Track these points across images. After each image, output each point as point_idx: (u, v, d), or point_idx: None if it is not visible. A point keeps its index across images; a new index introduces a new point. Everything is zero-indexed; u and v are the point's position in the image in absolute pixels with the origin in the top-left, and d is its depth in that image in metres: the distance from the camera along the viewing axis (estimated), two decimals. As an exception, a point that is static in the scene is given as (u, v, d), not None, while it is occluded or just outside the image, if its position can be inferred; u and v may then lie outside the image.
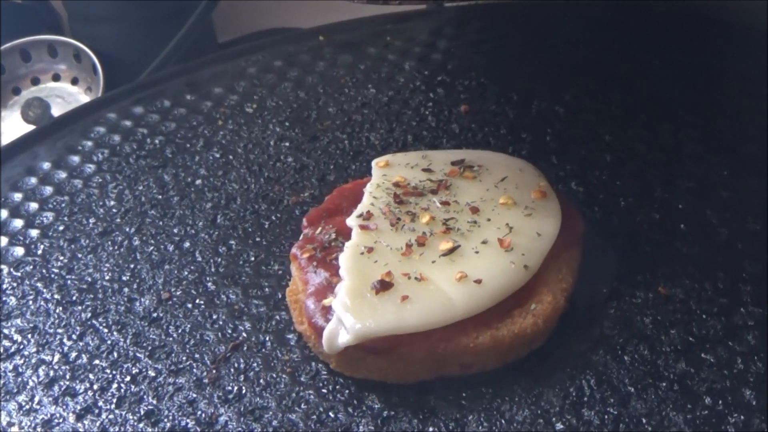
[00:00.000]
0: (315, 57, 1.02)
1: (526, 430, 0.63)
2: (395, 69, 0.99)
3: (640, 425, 0.62)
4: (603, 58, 0.93)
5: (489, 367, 0.67)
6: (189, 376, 0.70)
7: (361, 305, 0.66)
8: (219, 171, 0.89)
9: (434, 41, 1.02)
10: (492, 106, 0.91)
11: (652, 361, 0.66)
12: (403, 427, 0.64)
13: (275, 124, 0.94)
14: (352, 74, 0.99)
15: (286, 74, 1.00)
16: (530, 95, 0.92)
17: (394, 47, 1.02)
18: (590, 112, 0.89)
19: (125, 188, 0.89)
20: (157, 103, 0.99)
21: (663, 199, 0.78)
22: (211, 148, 0.92)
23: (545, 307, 0.67)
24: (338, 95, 0.96)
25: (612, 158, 0.83)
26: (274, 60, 1.03)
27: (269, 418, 0.66)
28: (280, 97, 0.97)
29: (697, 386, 0.64)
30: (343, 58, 1.01)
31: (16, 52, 1.37)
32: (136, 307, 0.76)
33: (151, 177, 0.90)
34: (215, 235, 0.82)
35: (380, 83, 0.97)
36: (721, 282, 0.71)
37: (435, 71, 0.97)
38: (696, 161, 0.81)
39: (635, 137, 0.85)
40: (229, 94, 0.99)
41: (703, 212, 0.76)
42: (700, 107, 0.85)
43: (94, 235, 0.84)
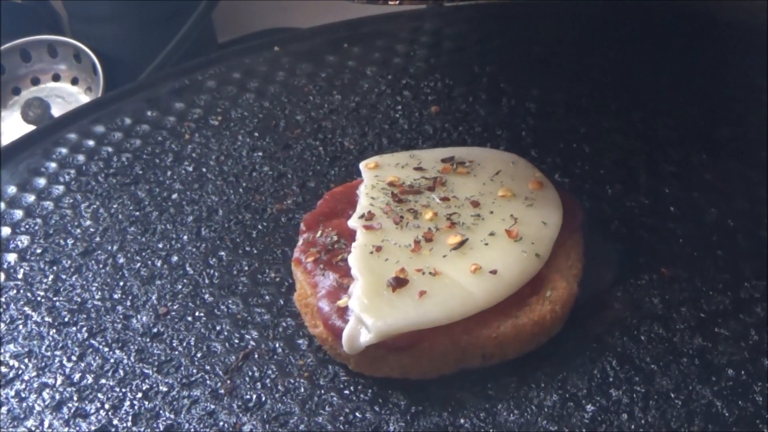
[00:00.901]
0: (273, 67, 1.02)
1: (558, 414, 0.63)
2: (357, 75, 0.99)
3: (670, 400, 0.63)
4: (580, 53, 0.95)
5: (510, 357, 0.67)
6: (203, 388, 0.69)
7: (379, 303, 0.65)
8: (194, 184, 0.88)
9: (392, 45, 1.03)
10: (462, 106, 0.92)
11: (668, 338, 0.67)
12: (434, 421, 0.64)
13: (244, 135, 0.93)
14: (315, 82, 0.99)
15: (246, 85, 1.00)
16: (499, 93, 0.93)
17: (353, 54, 1.02)
18: (560, 106, 0.90)
19: (99, 207, 0.87)
20: (117, 121, 0.98)
21: (649, 184, 0.80)
22: (182, 162, 0.90)
23: (561, 293, 0.68)
24: (303, 103, 0.96)
25: (591, 149, 0.85)
26: (232, 72, 1.02)
27: (295, 422, 0.65)
28: (244, 109, 0.96)
29: (717, 359, 0.65)
30: (303, 66, 1.01)
31: (16, 52, 1.37)
32: (133, 323, 0.75)
33: (124, 194, 0.88)
34: (203, 247, 0.81)
35: (344, 89, 0.97)
36: (721, 259, 0.72)
37: (398, 75, 0.98)
38: (674, 147, 0.83)
39: (610, 128, 0.86)
40: (191, 108, 0.98)
41: (690, 194, 0.78)
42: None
43: (75, 255, 0.82)
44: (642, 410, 0.63)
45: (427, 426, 0.64)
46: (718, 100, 0.85)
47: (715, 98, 0.85)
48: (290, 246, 0.79)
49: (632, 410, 0.63)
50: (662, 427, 0.61)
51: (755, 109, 0.80)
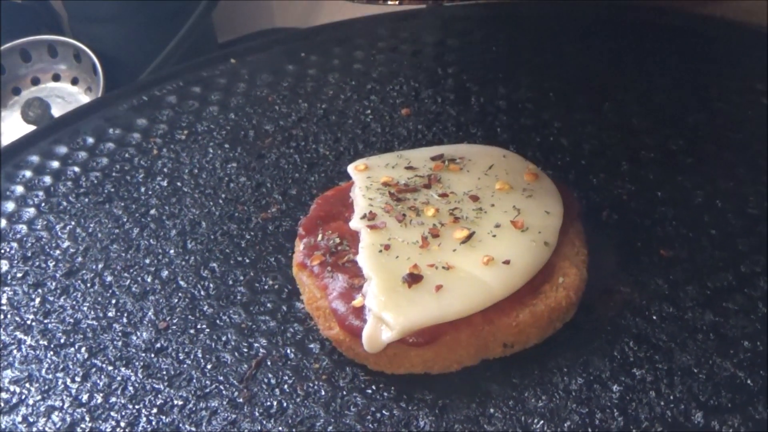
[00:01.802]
0: (232, 79, 1.01)
1: (586, 397, 0.64)
2: (320, 82, 0.99)
3: (693, 375, 0.65)
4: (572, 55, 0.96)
5: (529, 344, 0.68)
6: (220, 398, 0.68)
7: (397, 300, 0.66)
8: (171, 198, 0.87)
9: (350, 52, 1.03)
10: (432, 107, 0.93)
11: (679, 316, 0.69)
12: (463, 413, 0.65)
13: (214, 147, 0.92)
14: (277, 91, 0.98)
15: (208, 99, 0.99)
16: (466, 92, 0.94)
17: (311, 62, 1.02)
18: (529, 102, 0.92)
19: (75, 227, 0.85)
20: (79, 141, 0.96)
21: (631, 171, 0.82)
22: (154, 178, 0.89)
23: (572, 279, 0.69)
24: (270, 113, 0.96)
25: (568, 142, 0.86)
26: (190, 87, 1.01)
27: (322, 425, 0.65)
28: (209, 122, 0.96)
29: (731, 333, 0.67)
30: (263, 77, 1.01)
31: (16, 52, 1.36)
32: (134, 340, 0.73)
33: (99, 213, 0.87)
34: (192, 260, 0.80)
35: (310, 97, 0.97)
36: (716, 238, 0.75)
37: (361, 80, 0.98)
38: (650, 135, 0.86)
39: (584, 120, 0.88)
40: (154, 124, 0.96)
41: (674, 179, 0.80)
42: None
43: (59, 276, 0.81)
44: (668, 386, 0.64)
45: (457, 418, 0.64)
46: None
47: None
48: (282, 253, 0.79)
49: (659, 387, 0.64)
50: (691, 401, 0.63)
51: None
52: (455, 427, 0.64)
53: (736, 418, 0.61)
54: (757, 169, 0.79)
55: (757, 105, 0.85)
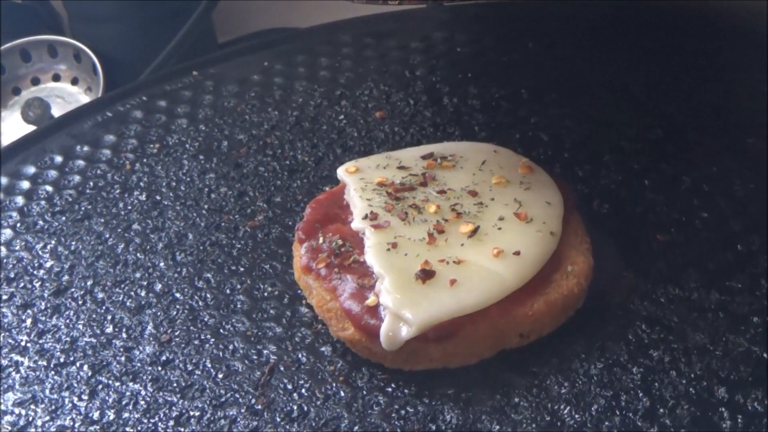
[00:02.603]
0: (197, 92, 1.00)
1: (608, 380, 0.65)
2: (287, 91, 0.99)
3: (709, 353, 0.66)
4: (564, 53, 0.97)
5: (545, 333, 0.68)
6: (237, 406, 0.67)
7: (413, 296, 0.66)
8: (152, 212, 0.86)
9: (314, 60, 1.03)
10: (406, 109, 0.94)
11: (686, 297, 0.70)
12: (488, 404, 0.65)
13: (189, 159, 0.91)
14: (245, 101, 0.98)
15: (174, 111, 0.98)
16: (437, 93, 0.95)
17: (276, 71, 1.02)
18: (503, 99, 0.93)
19: (56, 245, 0.83)
20: (47, 160, 0.94)
21: (615, 162, 0.83)
22: (131, 192, 0.88)
23: (581, 266, 0.70)
24: (241, 123, 0.95)
25: (548, 136, 0.88)
26: (155, 101, 1.00)
27: (347, 426, 0.65)
28: (179, 134, 0.95)
29: (739, 309, 0.69)
30: (228, 88, 1.00)
31: (16, 52, 1.36)
32: (137, 354, 0.72)
33: (79, 230, 0.85)
34: (184, 272, 0.79)
35: (279, 106, 0.96)
36: (708, 220, 0.76)
37: (330, 86, 0.98)
38: (628, 126, 0.87)
39: (560, 115, 0.89)
40: (123, 139, 0.95)
41: (659, 166, 0.82)
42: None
43: (48, 296, 0.79)
44: (687, 365, 0.65)
45: (483, 410, 0.64)
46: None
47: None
48: (276, 260, 0.78)
49: (678, 366, 0.65)
50: (712, 377, 0.64)
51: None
52: (482, 418, 0.64)
53: (759, 391, 0.62)
54: (739, 153, 0.81)
55: (732, 92, 0.87)
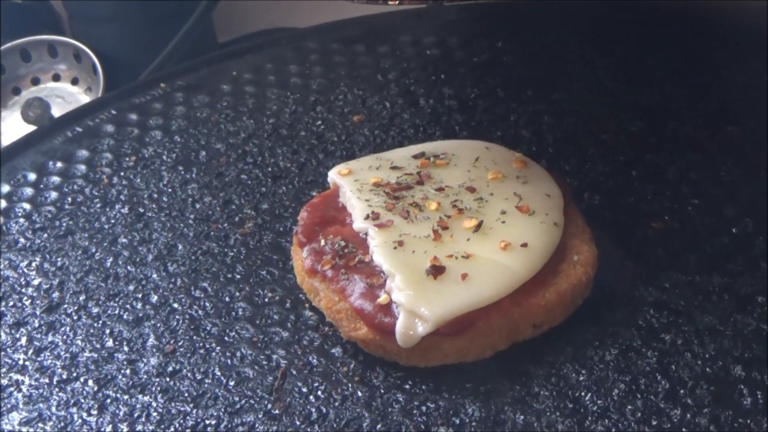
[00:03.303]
0: (168, 103, 0.99)
1: (625, 365, 0.66)
2: (260, 99, 0.98)
3: (720, 333, 0.68)
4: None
5: (556, 323, 0.69)
6: (254, 412, 0.67)
7: (427, 293, 0.66)
8: (137, 224, 0.84)
9: (283, 67, 1.02)
10: (383, 112, 0.94)
11: (690, 281, 0.72)
12: (509, 395, 0.66)
13: (168, 171, 0.90)
14: (218, 111, 0.97)
15: (147, 124, 0.97)
16: (413, 96, 0.95)
17: (246, 80, 1.01)
18: (479, 99, 0.94)
19: (42, 262, 0.82)
20: (20, 178, 0.92)
21: (599, 155, 0.85)
22: (113, 206, 0.87)
23: (586, 256, 0.71)
24: (216, 133, 0.94)
25: (529, 133, 0.89)
26: (125, 114, 0.98)
27: (369, 425, 0.65)
28: (154, 146, 0.93)
29: (743, 290, 0.71)
30: (200, 98, 0.99)
31: (16, 52, 1.35)
32: (142, 367, 0.71)
33: (64, 246, 0.83)
34: (179, 282, 0.78)
35: (254, 114, 0.96)
36: (700, 207, 0.78)
37: (303, 93, 0.98)
38: (607, 120, 0.89)
39: (539, 112, 0.91)
40: (97, 154, 0.93)
41: (644, 157, 0.83)
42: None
43: (40, 313, 0.77)
44: (700, 346, 0.67)
45: (504, 401, 0.65)
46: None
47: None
48: (272, 265, 0.78)
49: (691, 348, 0.66)
50: (726, 357, 0.65)
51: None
52: (505, 409, 0.64)
53: (776, 368, 0.63)
54: (719, 141, 0.82)
55: (708, 82, 0.89)
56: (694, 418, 0.62)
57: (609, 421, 0.62)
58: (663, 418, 0.62)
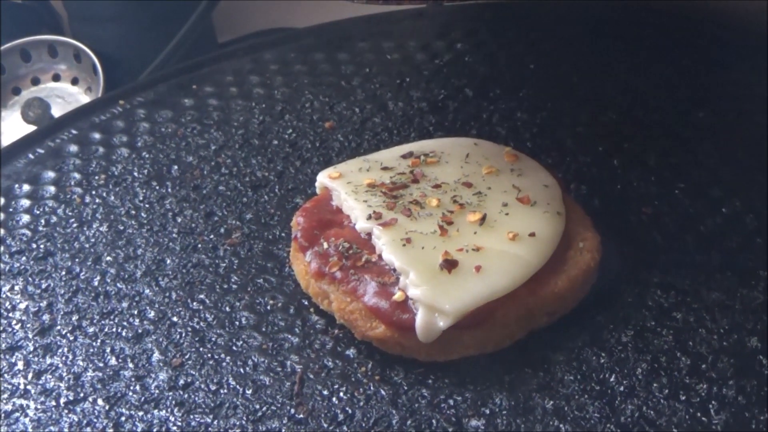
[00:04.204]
0: (130, 120, 0.97)
1: (643, 345, 0.67)
2: (225, 111, 0.97)
3: (730, 308, 0.69)
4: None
5: (568, 310, 0.70)
6: (278, 418, 0.66)
7: (444, 287, 0.67)
8: (119, 241, 0.83)
9: (244, 79, 1.02)
10: (353, 117, 0.94)
11: (690, 261, 0.73)
12: (534, 383, 0.66)
13: (141, 187, 0.89)
14: (183, 125, 0.96)
15: (111, 142, 0.95)
16: (380, 99, 0.96)
17: (207, 92, 1.00)
18: (447, 99, 0.95)
19: (26, 285, 0.80)
20: (-14, 203, 0.89)
21: (579, 146, 0.86)
22: (90, 225, 0.85)
23: (591, 242, 0.72)
24: (185, 146, 0.93)
25: (504, 130, 0.90)
26: (87, 133, 0.96)
27: (399, 422, 0.65)
28: (123, 164, 0.92)
29: (744, 265, 0.72)
30: (162, 113, 0.98)
31: (16, 52, 1.35)
32: (151, 382, 0.70)
33: (46, 268, 0.81)
34: (174, 296, 0.77)
35: (221, 126, 0.95)
36: (688, 189, 0.80)
37: (269, 102, 0.97)
38: (579, 113, 0.91)
39: (510, 108, 0.92)
40: (64, 174, 0.91)
41: (622, 146, 0.85)
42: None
43: (33, 336, 0.75)
44: (712, 322, 0.68)
45: (530, 388, 0.65)
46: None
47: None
48: (268, 273, 0.78)
49: (705, 324, 0.68)
50: (741, 330, 0.67)
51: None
52: (533, 396, 0.65)
53: (792, 337, 0.65)
54: (696, 126, 0.85)
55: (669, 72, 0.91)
56: (721, 390, 0.63)
57: (638, 400, 0.63)
58: (691, 393, 0.63)
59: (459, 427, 0.63)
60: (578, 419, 0.63)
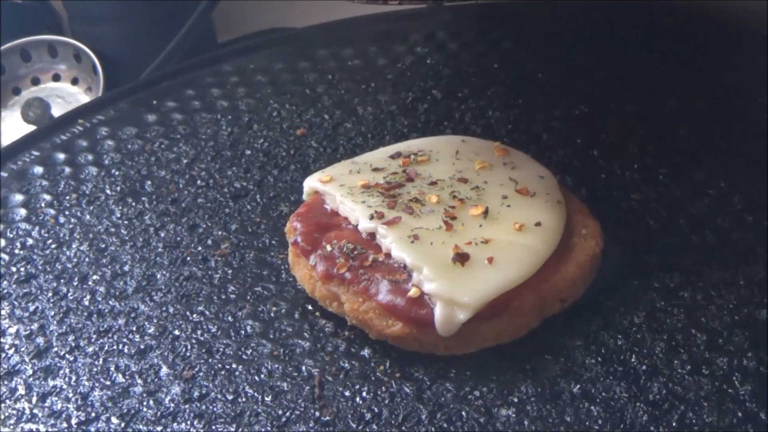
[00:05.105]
0: (93, 139, 0.96)
1: (658, 324, 0.69)
2: (190, 125, 0.96)
3: (736, 284, 0.71)
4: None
5: (578, 296, 0.71)
6: (304, 422, 0.66)
7: (459, 279, 0.67)
8: (103, 260, 0.81)
9: (205, 92, 1.01)
10: (324, 124, 0.94)
11: (688, 242, 0.75)
12: (556, 369, 0.67)
13: (116, 204, 0.87)
14: (150, 141, 0.94)
15: (77, 161, 0.93)
16: (348, 104, 0.96)
17: (169, 107, 0.99)
18: (417, 101, 0.95)
19: (13, 309, 0.78)
20: (-46, 229, 0.86)
21: (557, 139, 0.88)
22: (69, 245, 0.83)
23: (593, 228, 0.73)
24: (155, 161, 0.92)
25: (479, 127, 0.91)
26: (51, 153, 0.94)
27: (428, 416, 0.64)
28: (93, 182, 0.90)
29: (741, 244, 0.74)
30: (126, 130, 0.96)
31: (16, 52, 1.36)
32: (165, 396, 0.69)
33: (30, 290, 0.79)
34: (171, 310, 0.75)
35: (190, 139, 0.94)
36: (671, 175, 0.81)
37: (234, 114, 0.97)
38: (553, 107, 0.92)
39: (481, 106, 0.93)
40: (32, 196, 0.89)
41: (599, 137, 0.87)
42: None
43: (30, 360, 0.73)
44: (721, 298, 0.70)
45: (552, 375, 0.66)
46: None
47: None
48: (266, 281, 0.77)
49: (713, 301, 0.70)
50: (749, 305, 0.69)
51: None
52: (558, 381, 0.65)
53: (802, 308, 0.66)
54: (670, 114, 0.87)
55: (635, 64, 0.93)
56: (741, 361, 0.64)
57: (663, 378, 0.64)
58: (713, 367, 0.64)
59: (490, 416, 0.63)
60: (607, 400, 0.63)
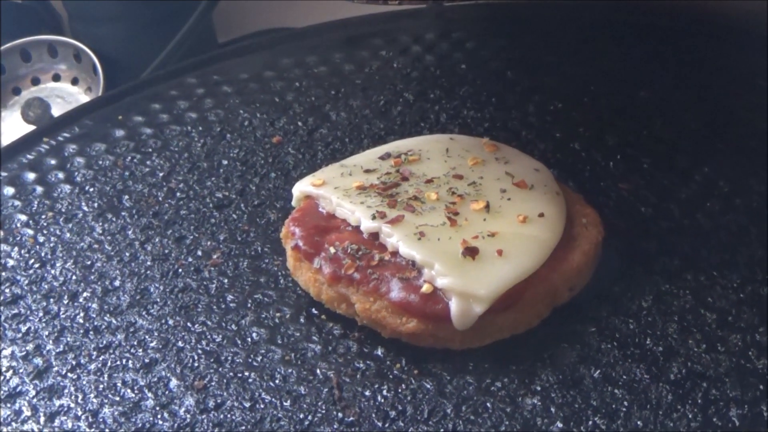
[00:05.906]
0: (61, 157, 0.93)
1: (667, 307, 0.70)
2: (162, 138, 0.95)
3: (736, 265, 0.72)
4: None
5: (585, 283, 0.72)
6: (328, 424, 0.65)
7: (471, 273, 0.67)
8: (90, 276, 0.80)
9: (172, 105, 0.99)
10: (299, 131, 0.93)
11: (683, 227, 0.76)
12: (573, 356, 0.67)
13: (95, 220, 0.85)
14: (122, 156, 0.93)
15: (48, 180, 0.91)
16: (321, 111, 0.96)
17: (137, 122, 0.97)
18: (388, 105, 0.96)
19: (4, 331, 0.76)
20: (-73, 254, 0.84)
21: (537, 134, 0.89)
22: (53, 264, 0.81)
23: (593, 217, 0.74)
24: (130, 176, 0.90)
25: (459, 128, 0.91)
26: (20, 173, 0.92)
27: (453, 410, 0.65)
28: (68, 200, 0.88)
29: (733, 227, 0.76)
30: (94, 147, 0.94)
31: (16, 52, 1.35)
32: (179, 408, 0.68)
33: (19, 312, 0.78)
34: (171, 322, 0.74)
35: (162, 152, 0.93)
36: (656, 164, 0.83)
37: (204, 125, 0.95)
38: (525, 104, 0.93)
39: (459, 106, 0.94)
40: (6, 218, 0.87)
41: (577, 130, 0.88)
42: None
43: (30, 381, 0.71)
44: (724, 278, 0.72)
45: (570, 362, 0.67)
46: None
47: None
48: (264, 288, 0.76)
49: (717, 281, 0.71)
50: (753, 283, 0.71)
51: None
52: (578, 367, 0.66)
53: (805, 282, 0.68)
54: (644, 105, 0.88)
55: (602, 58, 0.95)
56: (755, 337, 0.65)
57: (681, 357, 0.65)
58: (728, 344, 0.66)
59: (515, 406, 0.63)
60: (630, 383, 0.64)
